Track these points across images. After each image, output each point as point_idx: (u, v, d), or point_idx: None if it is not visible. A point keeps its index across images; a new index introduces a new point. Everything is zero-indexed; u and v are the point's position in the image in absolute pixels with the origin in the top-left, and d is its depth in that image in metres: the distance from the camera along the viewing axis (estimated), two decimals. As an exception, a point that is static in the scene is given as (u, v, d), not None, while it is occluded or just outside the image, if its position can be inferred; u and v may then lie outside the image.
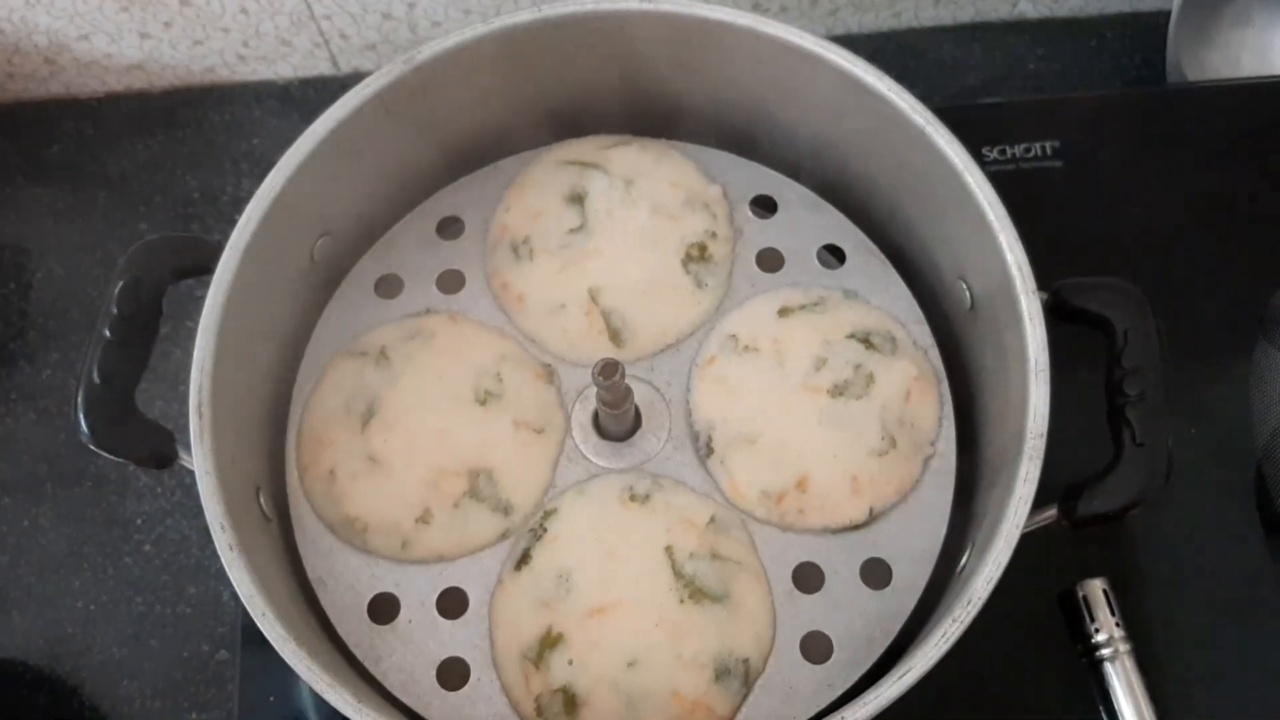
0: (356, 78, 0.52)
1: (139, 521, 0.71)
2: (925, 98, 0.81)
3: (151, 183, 0.81)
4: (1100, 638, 0.59)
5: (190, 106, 0.84)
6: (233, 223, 0.49)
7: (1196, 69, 0.85)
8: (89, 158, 0.82)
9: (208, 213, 0.79)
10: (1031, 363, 0.46)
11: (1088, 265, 0.54)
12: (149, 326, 0.51)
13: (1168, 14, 0.81)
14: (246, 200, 0.50)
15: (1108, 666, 0.59)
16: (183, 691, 0.66)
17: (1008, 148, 0.78)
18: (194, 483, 0.46)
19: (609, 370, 0.48)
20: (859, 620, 0.50)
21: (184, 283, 0.52)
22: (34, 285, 0.77)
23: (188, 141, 0.83)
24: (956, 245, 0.54)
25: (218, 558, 0.44)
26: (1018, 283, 0.48)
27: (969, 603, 0.43)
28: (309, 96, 0.84)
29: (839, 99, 0.54)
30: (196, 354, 0.48)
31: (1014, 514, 0.44)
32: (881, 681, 0.42)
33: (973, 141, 0.51)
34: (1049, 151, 0.78)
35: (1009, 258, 0.48)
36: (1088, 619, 0.59)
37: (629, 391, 0.52)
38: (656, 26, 0.54)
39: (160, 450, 0.49)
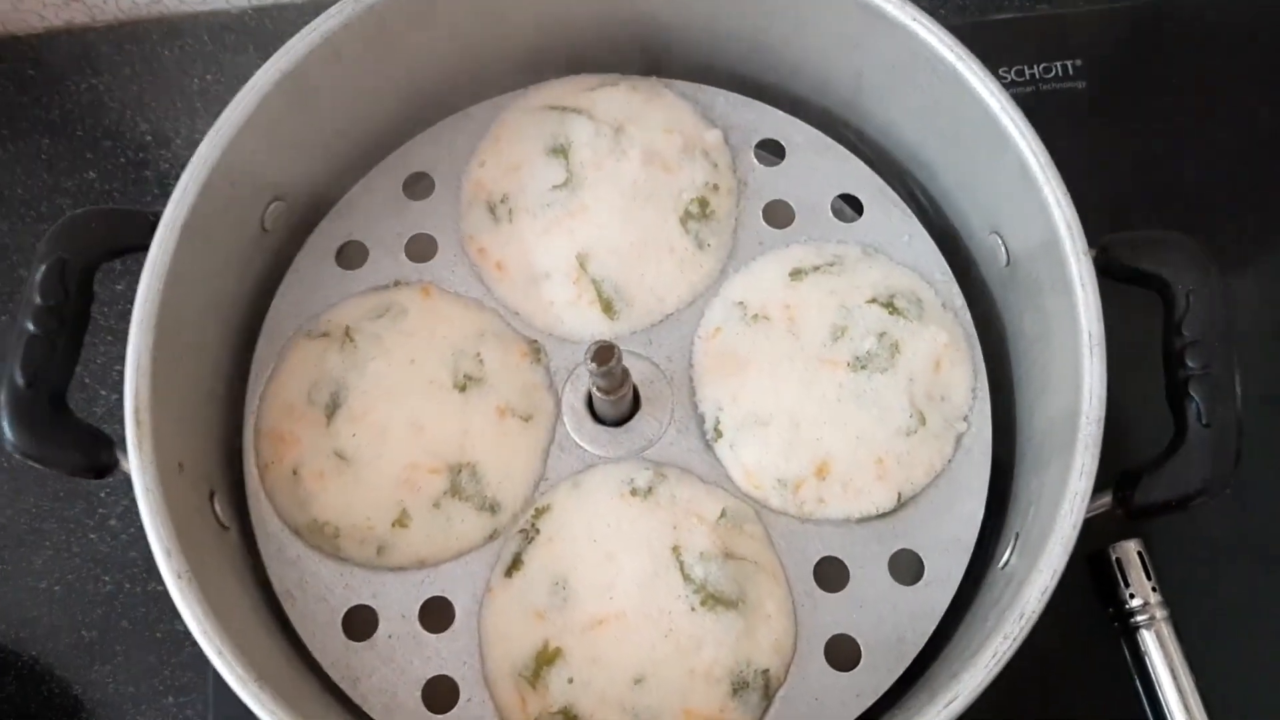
0: (319, 5, 0.45)
1: (103, 494, 0.66)
2: (944, 20, 0.74)
3: (99, 126, 0.74)
4: (1135, 603, 0.55)
5: (137, 41, 0.76)
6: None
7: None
8: (29, 100, 0.75)
9: (161, 157, 0.72)
10: (1085, 335, 0.41)
11: (1129, 208, 0.48)
12: (79, 315, 0.44)
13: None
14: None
15: (1144, 633, 0.55)
16: (158, 675, 0.62)
17: (1026, 68, 0.71)
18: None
19: (604, 355, 0.42)
20: (889, 620, 0.45)
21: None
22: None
23: (136, 80, 0.75)
24: (991, 195, 0.47)
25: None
26: (1067, 244, 0.42)
27: (1021, 617, 0.38)
28: (265, 26, 0.76)
29: (854, 29, 0.47)
30: (130, 350, 0.42)
31: (1069, 514, 0.39)
32: (925, 711, 0.37)
33: (987, 63, 0.45)
34: (1071, 71, 0.71)
35: (1056, 215, 0.42)
36: (1121, 583, 0.55)
37: (626, 373, 0.46)
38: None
39: (96, 459, 0.43)
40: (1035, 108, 0.64)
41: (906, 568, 0.46)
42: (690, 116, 0.52)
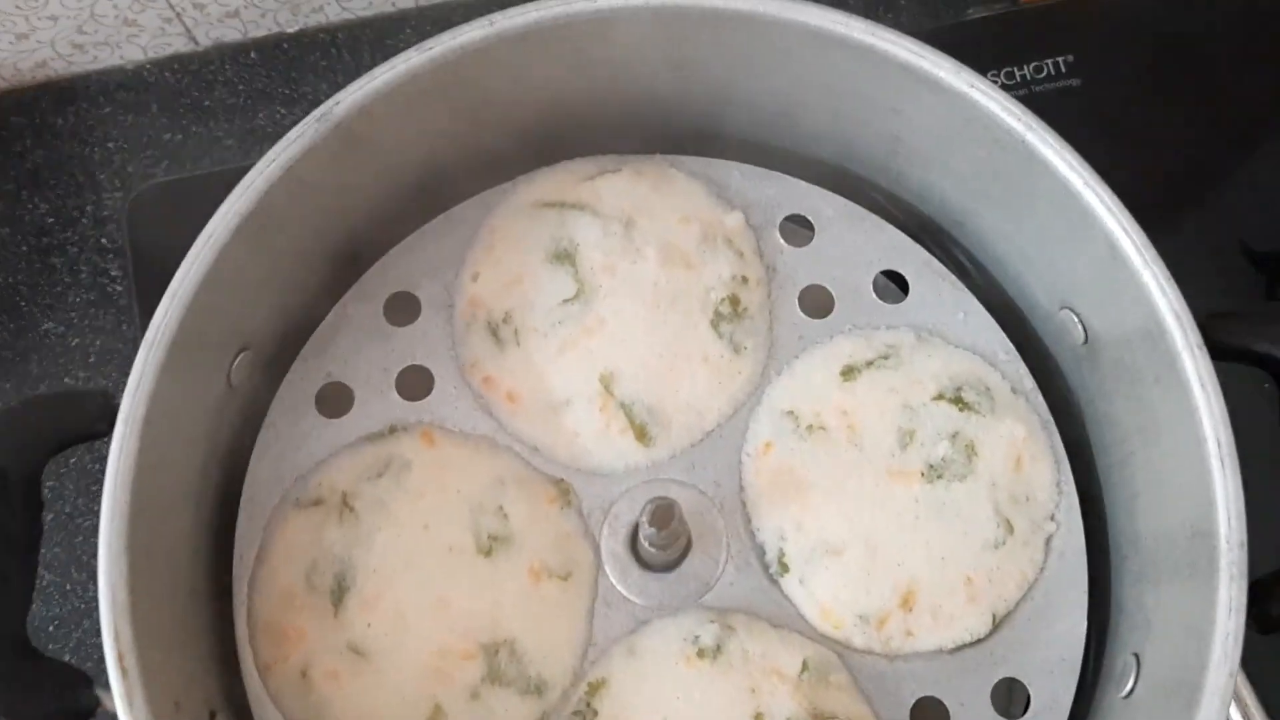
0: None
1: (50, 629, 0.58)
2: (914, 24, 0.68)
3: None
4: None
5: (24, 112, 0.67)
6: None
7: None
8: None
9: (68, 240, 0.64)
10: (1212, 444, 0.36)
11: (1157, 223, 0.42)
12: (28, 534, 0.37)
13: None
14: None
15: None
16: None
17: (1015, 69, 0.66)
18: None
19: (663, 516, 0.37)
20: (999, 761, 0.40)
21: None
22: None
23: (28, 155, 0.67)
24: (1063, 270, 0.42)
25: None
26: (1176, 336, 0.37)
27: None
28: (166, 80, 0.68)
29: (894, 94, 0.41)
30: (103, 585, 0.35)
31: (1224, 660, 0.34)
32: None
33: (976, 66, 0.40)
34: (1064, 69, 0.66)
35: (1160, 303, 0.37)
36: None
37: (675, 505, 0.40)
38: (646, 26, 0.40)
39: (74, 703, 0.36)
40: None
41: (1010, 698, 0.41)
42: (705, 199, 0.46)
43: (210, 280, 0.38)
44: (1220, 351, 0.39)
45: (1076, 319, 0.43)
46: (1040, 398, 0.45)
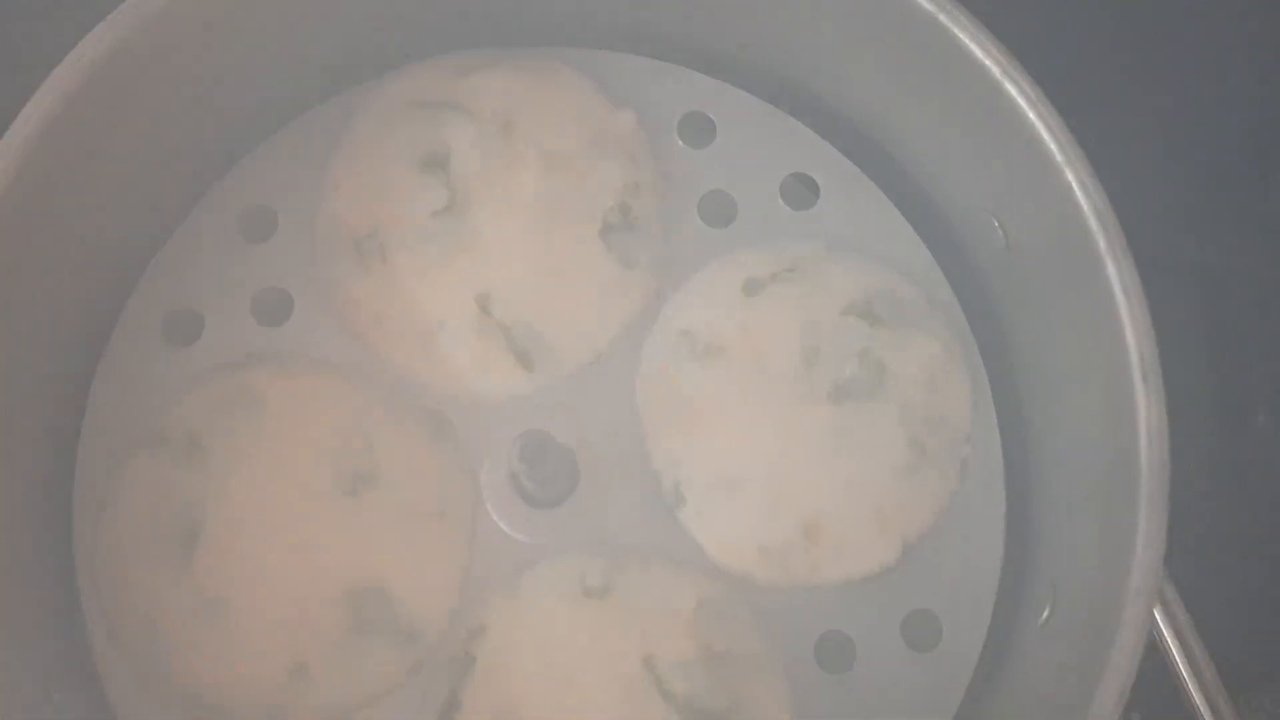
0: None
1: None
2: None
3: None
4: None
5: None
6: None
7: None
8: None
9: None
10: (1135, 359, 0.32)
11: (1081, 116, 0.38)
12: None
13: None
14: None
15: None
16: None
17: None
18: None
19: (535, 452, 0.33)
20: (907, 695, 0.38)
21: None
22: None
23: None
24: (984, 171, 0.38)
25: None
26: (1100, 241, 0.33)
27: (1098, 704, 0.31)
28: None
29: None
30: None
31: (1139, 594, 0.31)
32: None
33: None
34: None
35: (1083, 203, 0.33)
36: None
37: (566, 454, 0.36)
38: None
39: None
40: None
41: (921, 630, 0.39)
42: (594, 97, 0.42)
43: (19, 185, 0.33)
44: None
45: (997, 224, 0.39)
46: (958, 311, 0.41)
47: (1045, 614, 0.37)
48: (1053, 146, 0.34)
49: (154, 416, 0.39)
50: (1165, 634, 0.41)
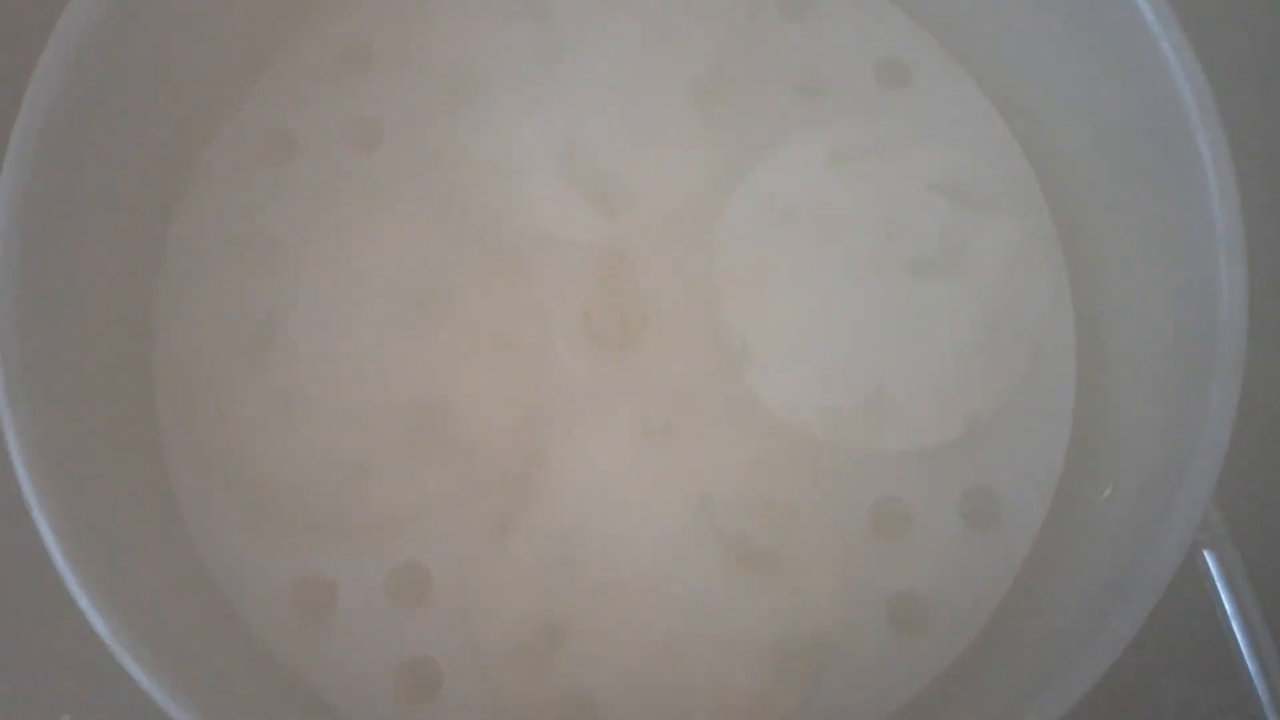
0: None
1: None
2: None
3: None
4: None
5: None
6: None
7: None
8: None
9: None
10: (1219, 230, 0.32)
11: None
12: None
13: None
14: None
15: (1206, 554, 0.48)
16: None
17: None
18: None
19: (608, 293, 0.33)
20: (959, 571, 0.38)
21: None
22: None
23: None
24: (1079, 57, 0.38)
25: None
26: (1193, 112, 0.33)
27: (1158, 568, 0.30)
28: None
29: None
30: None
31: (1211, 448, 0.31)
32: (1054, 682, 0.30)
33: None
34: None
35: (1178, 73, 0.33)
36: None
37: (634, 288, 0.37)
38: None
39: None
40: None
41: (980, 508, 0.38)
42: (697, -36, 0.42)
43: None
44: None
45: (1093, 117, 0.39)
46: (1041, 199, 0.41)
47: (1107, 492, 0.36)
48: (1150, 18, 0.34)
49: (242, 225, 0.40)
50: (1218, 583, 0.40)
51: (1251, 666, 0.36)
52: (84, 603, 0.30)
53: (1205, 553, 0.46)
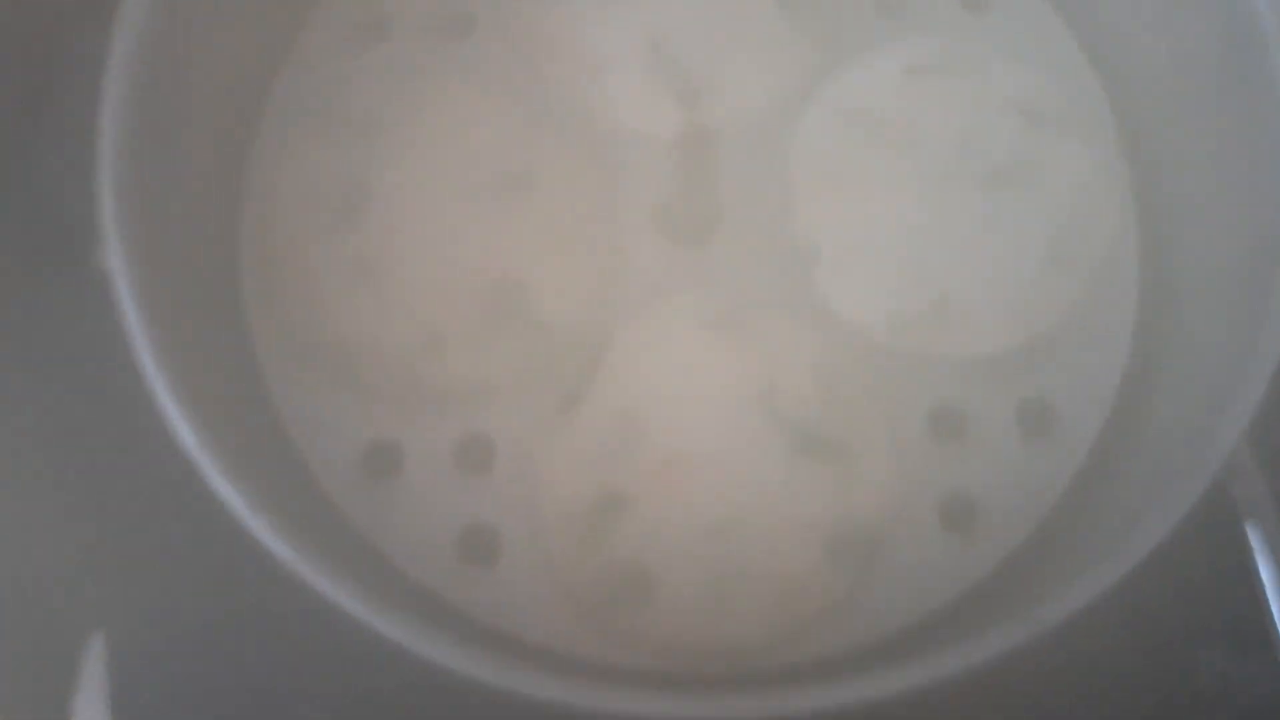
0: None
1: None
2: None
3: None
4: (1240, 490, 0.48)
5: None
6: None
7: None
8: None
9: None
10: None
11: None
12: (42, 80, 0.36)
13: None
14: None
15: (1248, 527, 0.48)
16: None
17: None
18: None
19: (692, 142, 0.34)
20: (1012, 478, 0.39)
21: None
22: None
23: None
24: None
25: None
26: (1270, 22, 0.33)
27: (1208, 463, 0.31)
28: None
29: None
30: (111, 100, 0.33)
31: (1272, 347, 0.31)
32: (1093, 571, 0.30)
33: None
34: None
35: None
36: (1228, 470, 0.48)
37: (712, 176, 0.38)
38: None
39: (70, 242, 0.35)
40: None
41: (1035, 417, 0.39)
42: (790, -126, 0.43)
43: None
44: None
45: (1166, 44, 0.40)
46: (1114, 127, 0.42)
47: (1159, 412, 0.37)
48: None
49: (334, 100, 0.41)
50: (1258, 557, 0.41)
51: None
52: (173, 413, 0.31)
53: (1247, 525, 0.47)
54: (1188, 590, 0.45)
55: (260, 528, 0.31)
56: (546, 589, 0.38)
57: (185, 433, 0.31)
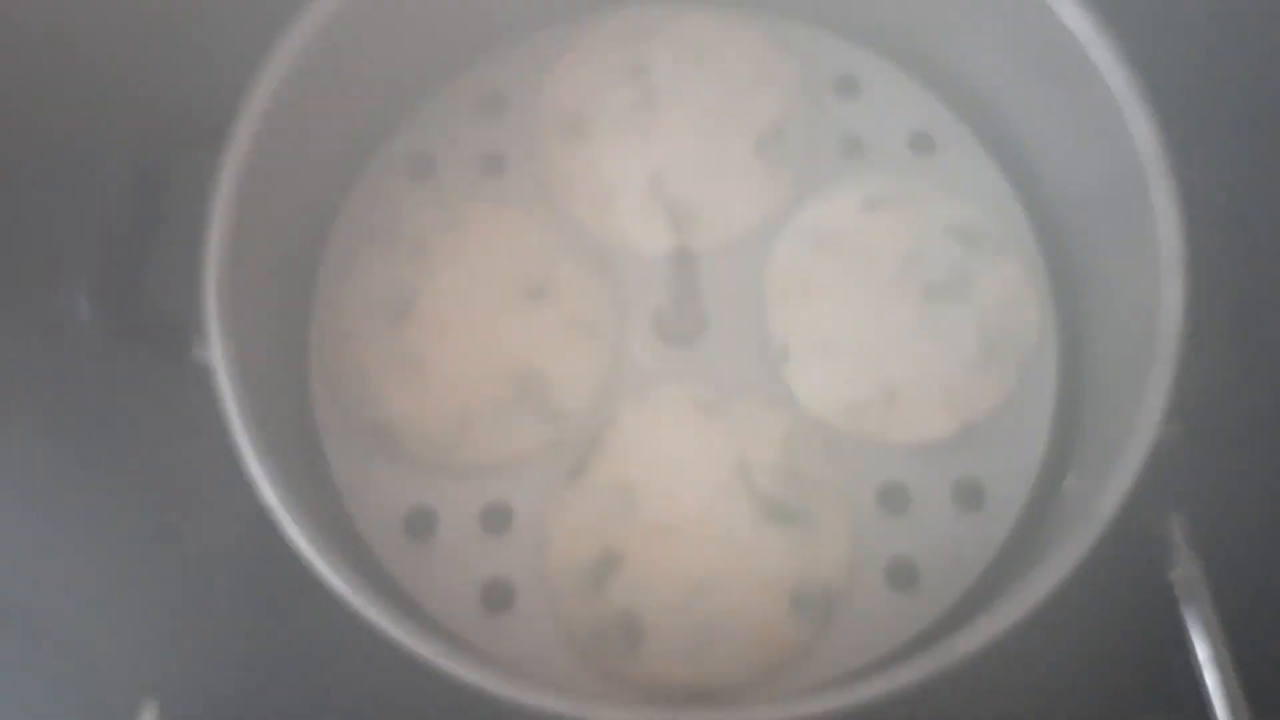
0: None
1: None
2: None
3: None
4: (1177, 575, 0.54)
5: None
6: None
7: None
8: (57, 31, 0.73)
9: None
10: (1166, 255, 0.40)
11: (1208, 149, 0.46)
12: (155, 205, 0.45)
13: None
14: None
15: (1184, 607, 0.54)
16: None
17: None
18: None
19: (682, 261, 0.43)
20: (949, 545, 0.45)
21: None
22: None
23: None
24: (1070, 129, 0.47)
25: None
26: (1150, 167, 0.42)
27: (1095, 520, 0.38)
28: None
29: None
30: (212, 226, 0.42)
31: (1146, 424, 0.39)
32: (996, 609, 0.37)
33: None
34: None
35: (1139, 140, 0.42)
36: (1165, 555, 0.55)
37: (698, 289, 0.46)
38: None
39: (173, 339, 0.43)
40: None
41: (968, 494, 0.46)
42: (771, 46, 0.52)
43: (330, 25, 0.45)
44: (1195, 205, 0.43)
45: (1078, 179, 0.48)
46: (1038, 250, 0.50)
47: (1067, 480, 0.44)
48: (1116, 86, 0.42)
49: (390, 223, 0.50)
50: (1192, 633, 0.47)
51: (1221, 713, 0.43)
52: (257, 476, 0.39)
53: (1183, 607, 0.53)
54: (1130, 662, 0.51)
55: (322, 569, 0.38)
56: (553, 633, 0.45)
57: (267, 492, 0.39)
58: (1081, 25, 0.44)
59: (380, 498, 0.47)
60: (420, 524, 0.46)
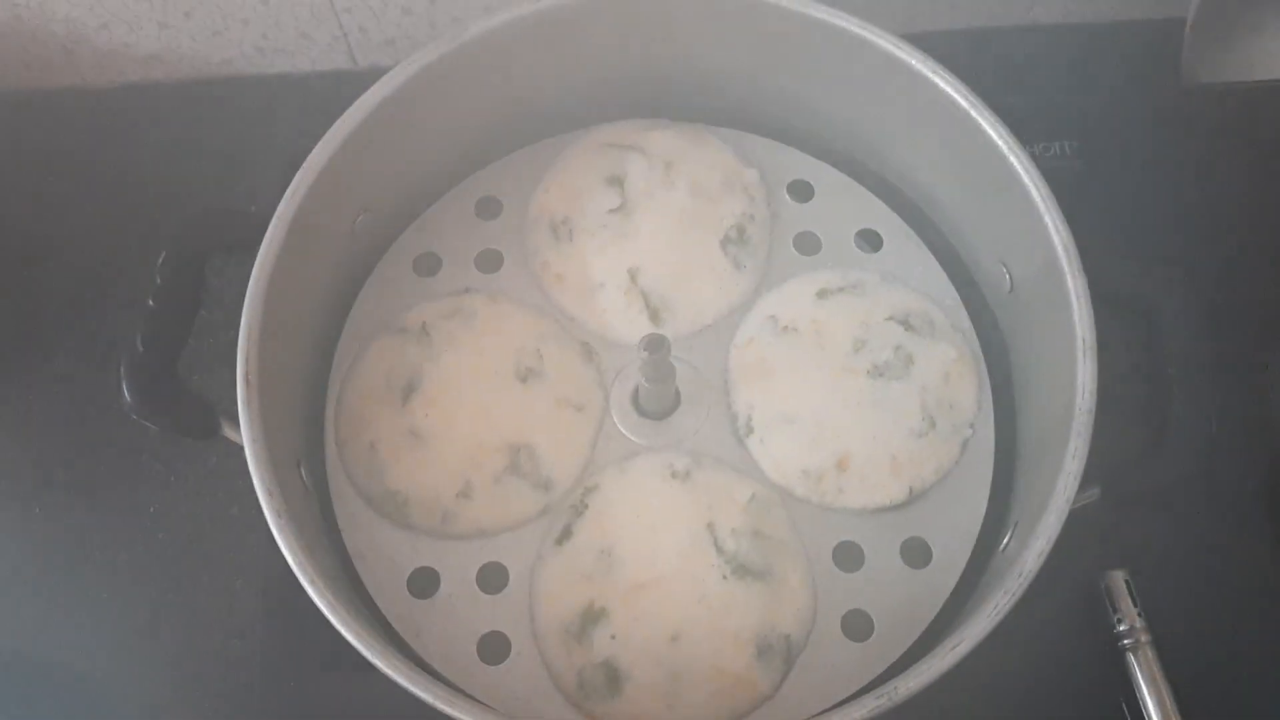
0: (375, 73, 0.52)
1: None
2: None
3: (169, 174, 0.79)
4: (1122, 628, 0.59)
5: (207, 100, 0.82)
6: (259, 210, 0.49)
7: (1211, 74, 0.85)
8: (104, 148, 0.80)
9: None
10: (1080, 341, 0.47)
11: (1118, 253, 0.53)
12: (191, 299, 0.51)
13: (1181, 22, 0.82)
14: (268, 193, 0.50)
15: (1130, 656, 0.59)
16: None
17: (1028, 144, 0.78)
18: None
19: (655, 344, 0.49)
20: (899, 599, 0.50)
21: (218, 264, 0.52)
22: (49, 276, 0.75)
23: (204, 134, 0.81)
24: (998, 229, 0.54)
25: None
26: (1064, 263, 0.48)
27: (1020, 575, 0.43)
28: (326, 90, 0.82)
29: (880, 82, 0.54)
30: (244, 322, 0.48)
31: (1064, 489, 0.44)
32: (934, 653, 0.42)
33: None
34: (1069, 150, 0.78)
35: (1056, 239, 0.48)
36: (1110, 610, 0.59)
37: (671, 369, 0.52)
38: (700, 6, 0.54)
39: (202, 420, 0.49)
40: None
41: (917, 553, 0.51)
42: (730, 157, 0.59)
43: (351, 141, 0.51)
44: (1107, 294, 0.50)
45: (1006, 271, 0.54)
46: (974, 334, 0.56)
47: (1006, 542, 0.49)
48: (1038, 199, 0.49)
49: (398, 315, 0.56)
50: (1139, 680, 0.52)
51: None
52: (280, 540, 0.44)
53: (1128, 654, 0.58)
54: (1074, 704, 0.55)
55: (337, 624, 0.43)
56: (545, 681, 0.49)
57: (288, 555, 0.44)
58: (1004, 139, 0.50)
59: (387, 560, 0.52)
60: (423, 584, 0.51)
